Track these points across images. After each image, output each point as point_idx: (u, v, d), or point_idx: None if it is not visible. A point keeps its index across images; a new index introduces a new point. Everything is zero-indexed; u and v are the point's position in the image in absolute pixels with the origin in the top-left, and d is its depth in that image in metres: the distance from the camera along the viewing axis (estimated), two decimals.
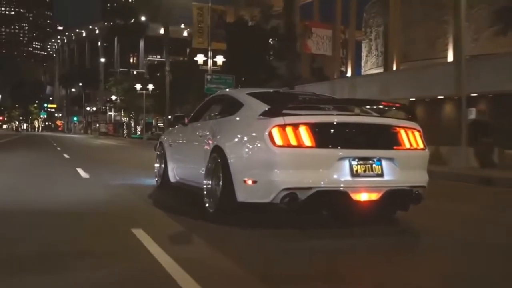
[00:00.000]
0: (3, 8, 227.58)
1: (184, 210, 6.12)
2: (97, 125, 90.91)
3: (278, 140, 4.66)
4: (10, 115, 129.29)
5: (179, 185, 7.31)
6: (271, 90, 6.49)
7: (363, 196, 4.81)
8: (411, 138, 5.13)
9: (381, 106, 5.77)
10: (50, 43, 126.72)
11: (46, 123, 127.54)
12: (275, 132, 4.68)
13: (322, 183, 4.66)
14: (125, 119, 68.90)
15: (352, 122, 5.00)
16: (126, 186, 8.32)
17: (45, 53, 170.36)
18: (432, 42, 28.98)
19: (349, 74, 36.90)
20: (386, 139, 5.05)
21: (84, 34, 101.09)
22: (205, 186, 5.67)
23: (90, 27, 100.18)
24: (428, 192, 5.21)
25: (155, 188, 7.93)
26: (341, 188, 4.69)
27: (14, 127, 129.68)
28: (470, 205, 7.54)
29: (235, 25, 32.93)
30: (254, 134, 4.93)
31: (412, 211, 5.26)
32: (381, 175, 4.85)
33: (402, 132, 5.11)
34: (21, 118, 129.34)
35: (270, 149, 4.66)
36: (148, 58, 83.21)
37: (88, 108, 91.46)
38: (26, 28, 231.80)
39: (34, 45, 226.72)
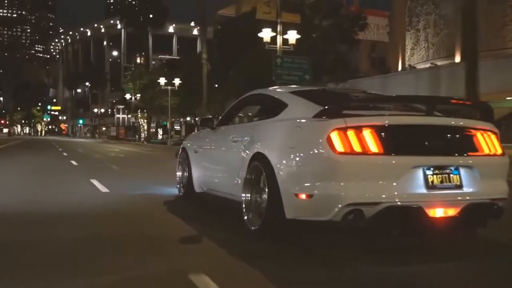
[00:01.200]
0: (5, 11, 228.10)
1: (219, 226, 5.38)
2: (103, 128, 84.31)
3: (339, 146, 3.95)
4: (12, 118, 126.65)
5: (205, 195, 6.60)
6: (316, 88, 5.76)
7: (439, 212, 4.08)
8: (488, 142, 4.41)
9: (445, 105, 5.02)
10: (53, 43, 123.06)
11: (50, 127, 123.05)
12: (335, 136, 3.97)
13: (392, 197, 3.94)
14: (143, 121, 58.67)
15: (425, 124, 4.27)
16: (148, 196, 7.59)
17: (48, 56, 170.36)
18: (498, 30, 25.27)
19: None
20: (462, 143, 4.33)
21: (89, 33, 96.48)
22: (243, 199, 4.95)
23: (96, 25, 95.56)
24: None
25: (177, 198, 7.23)
26: (416, 203, 3.96)
27: (13, 130, 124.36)
28: None
29: None
30: (308, 139, 4.21)
31: (492, 227, 4.51)
32: (460, 186, 4.13)
33: (479, 135, 4.39)
34: (23, 121, 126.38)
35: (330, 157, 3.94)
36: (160, 56, 77.36)
37: (95, 110, 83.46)
38: (29, 30, 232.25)
39: (36, 48, 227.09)
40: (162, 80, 44.98)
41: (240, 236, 4.74)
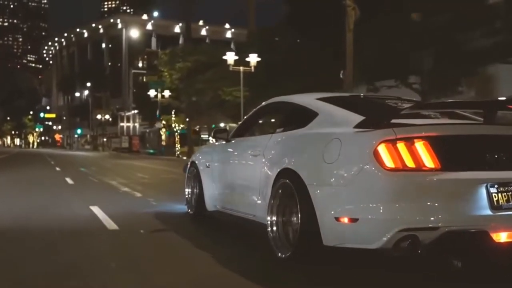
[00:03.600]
0: None
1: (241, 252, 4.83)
2: (104, 139, 72.13)
3: (388, 161, 3.43)
4: (1, 129, 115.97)
5: (219, 215, 6.06)
6: (347, 95, 5.23)
7: (504, 236, 3.56)
8: None
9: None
10: (46, 47, 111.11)
11: (43, 138, 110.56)
12: (383, 150, 3.45)
13: (453, 220, 3.42)
14: (178, 127, 40.63)
15: (485, 134, 3.76)
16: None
17: (40, 66, 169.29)
18: None
19: None
20: None
21: (86, 35, 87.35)
22: (268, 222, 4.42)
23: (94, 25, 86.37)
24: None
25: (187, 216, 6.70)
26: (480, 227, 3.45)
27: (1, 142, 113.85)
28: None
29: None
30: (350, 153, 3.69)
31: None
32: None
33: None
34: (13, 132, 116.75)
35: (378, 174, 3.43)
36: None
37: (99, 117, 70.61)
38: (20, 40, 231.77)
39: (28, 58, 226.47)
40: (231, 57, 25.61)
41: (268, 265, 4.20)
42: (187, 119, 38.19)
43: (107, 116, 71.09)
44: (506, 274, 3.96)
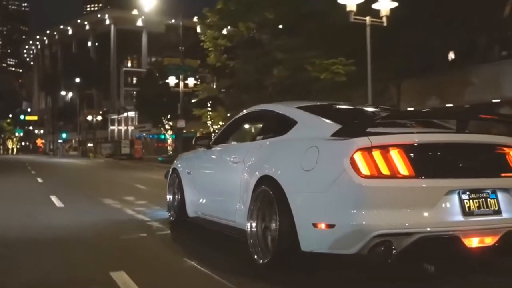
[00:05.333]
0: None
1: (222, 259, 4.88)
2: (90, 144, 64.74)
3: (364, 169, 3.54)
4: None
5: (200, 221, 6.12)
6: (325, 103, 5.34)
7: (475, 241, 3.69)
8: None
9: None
10: (27, 46, 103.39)
11: (23, 143, 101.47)
12: (359, 158, 3.56)
13: (427, 226, 3.53)
14: (213, 126, 32.23)
15: (458, 142, 3.89)
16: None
17: (21, 70, 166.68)
18: None
19: None
20: (497, 163, 3.96)
21: (70, 32, 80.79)
22: (248, 228, 4.49)
23: (79, 21, 79.95)
24: None
25: (170, 224, 6.72)
26: (452, 232, 3.56)
27: None
28: None
29: None
30: (327, 160, 3.78)
31: None
32: (499, 212, 3.75)
33: None
34: None
35: (354, 181, 3.53)
36: None
37: (90, 118, 62.62)
38: (0, 43, 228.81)
39: (8, 62, 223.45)
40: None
41: (247, 271, 4.27)
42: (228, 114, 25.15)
43: (99, 117, 63.89)
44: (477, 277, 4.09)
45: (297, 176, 3.99)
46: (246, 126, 6.07)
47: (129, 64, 72.60)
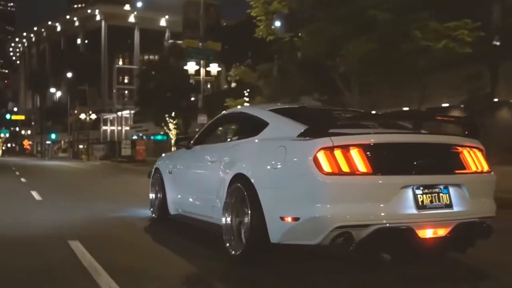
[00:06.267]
0: None
1: (199, 251, 5.20)
2: (81, 146, 60.88)
3: (326, 166, 3.87)
4: None
5: (180, 218, 6.42)
6: (297, 106, 5.68)
7: (429, 233, 4.03)
8: (475, 159, 4.41)
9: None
10: (13, 44, 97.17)
11: (9, 145, 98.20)
12: (322, 156, 3.88)
13: (383, 218, 3.87)
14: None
15: (413, 142, 4.24)
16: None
17: (6, 71, 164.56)
18: None
19: None
20: (450, 161, 4.33)
21: (59, 28, 77.22)
22: (223, 223, 4.81)
23: (68, 17, 76.46)
24: None
25: (151, 221, 7.02)
26: (406, 224, 3.90)
27: None
28: None
29: None
30: (293, 159, 4.11)
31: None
32: (450, 205, 4.10)
33: (465, 152, 4.38)
34: None
35: (317, 178, 3.85)
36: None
37: (83, 116, 57.24)
38: None
39: None
40: None
41: (222, 262, 4.59)
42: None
43: (93, 116, 58.50)
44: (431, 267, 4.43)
45: (267, 174, 4.32)
46: (223, 127, 6.38)
47: (120, 62, 70.03)
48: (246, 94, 24.61)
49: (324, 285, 3.98)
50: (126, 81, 72.61)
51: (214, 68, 25.21)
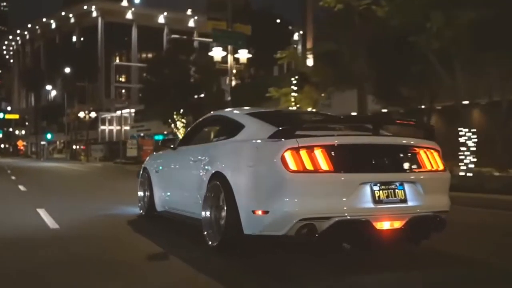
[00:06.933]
0: None
1: (182, 244, 5.64)
2: (77, 146, 59.41)
3: (292, 165, 4.31)
4: None
5: (167, 214, 6.86)
6: (272, 110, 6.13)
7: (386, 225, 4.48)
8: (431, 159, 4.87)
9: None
10: (6, 42, 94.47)
11: (2, 146, 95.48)
12: (288, 156, 4.33)
13: (342, 211, 4.32)
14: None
15: (371, 143, 4.70)
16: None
17: (0, 71, 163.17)
18: None
19: None
20: (407, 160, 4.78)
21: (54, 26, 75.13)
22: (203, 217, 5.25)
23: (63, 13, 73.11)
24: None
25: (139, 217, 7.45)
26: (364, 217, 4.35)
27: None
28: None
29: None
30: (264, 158, 4.56)
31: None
32: (405, 200, 4.55)
33: (422, 152, 4.84)
34: None
35: (284, 175, 4.30)
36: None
37: (81, 115, 54.23)
38: None
39: None
40: None
41: (202, 252, 5.02)
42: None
43: (92, 114, 55.15)
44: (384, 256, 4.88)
45: (241, 172, 4.78)
46: (206, 129, 6.82)
47: (117, 60, 68.23)
48: (294, 82, 20.27)
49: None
50: (123, 79, 71.33)
51: (243, 54, 22.51)
